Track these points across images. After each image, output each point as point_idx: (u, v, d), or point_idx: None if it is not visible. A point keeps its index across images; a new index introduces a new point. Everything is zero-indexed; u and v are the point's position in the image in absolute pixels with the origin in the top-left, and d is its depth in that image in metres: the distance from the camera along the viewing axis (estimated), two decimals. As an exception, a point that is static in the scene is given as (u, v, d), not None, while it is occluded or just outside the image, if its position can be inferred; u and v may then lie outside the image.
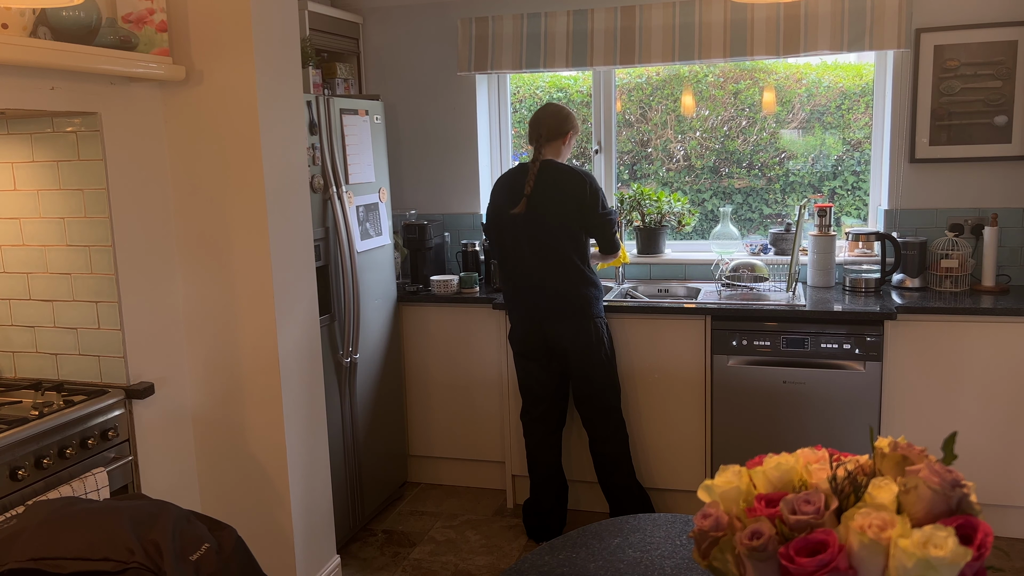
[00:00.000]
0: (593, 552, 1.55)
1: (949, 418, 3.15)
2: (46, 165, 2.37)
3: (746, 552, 0.91)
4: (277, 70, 2.57)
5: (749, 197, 4.06)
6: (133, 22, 2.38)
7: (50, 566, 1.47)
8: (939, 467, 0.92)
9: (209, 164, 2.54)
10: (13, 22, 2.03)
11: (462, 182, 4.14)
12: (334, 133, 3.18)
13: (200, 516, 1.73)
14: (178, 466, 2.63)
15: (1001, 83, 3.41)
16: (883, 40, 3.42)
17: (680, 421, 3.40)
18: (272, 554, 2.68)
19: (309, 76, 3.35)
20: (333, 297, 3.18)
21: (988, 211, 3.49)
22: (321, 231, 3.09)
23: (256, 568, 1.76)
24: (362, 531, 3.48)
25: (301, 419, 2.73)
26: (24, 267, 2.46)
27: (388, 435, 3.67)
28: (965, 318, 3.10)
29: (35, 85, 2.06)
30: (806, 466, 1.01)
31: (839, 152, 3.91)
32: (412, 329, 3.78)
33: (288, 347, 2.64)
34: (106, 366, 2.42)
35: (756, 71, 3.95)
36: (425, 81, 4.11)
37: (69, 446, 2.15)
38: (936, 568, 0.83)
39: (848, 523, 0.90)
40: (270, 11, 2.51)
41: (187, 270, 2.61)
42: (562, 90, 4.21)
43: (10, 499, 1.98)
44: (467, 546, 3.33)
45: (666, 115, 4.09)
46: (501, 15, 3.87)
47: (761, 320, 3.25)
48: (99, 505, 1.69)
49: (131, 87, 2.41)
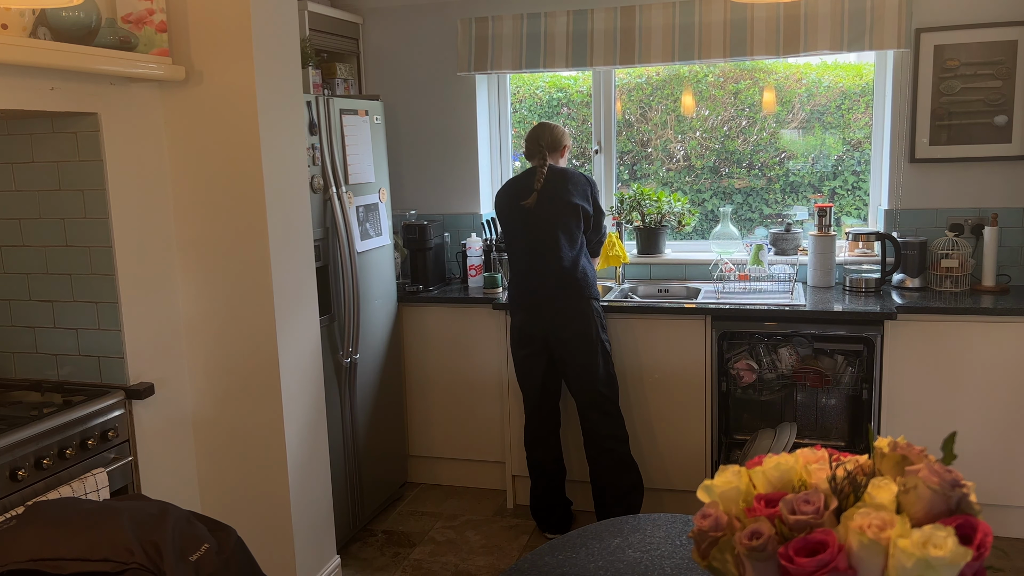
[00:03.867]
0: (593, 552, 1.55)
1: (949, 418, 3.14)
2: (46, 165, 2.37)
3: (745, 552, 0.91)
4: (277, 70, 2.57)
5: (749, 197, 4.06)
6: (133, 22, 2.38)
7: (50, 567, 1.47)
8: (938, 467, 0.92)
9: (209, 164, 2.54)
10: (13, 22, 2.03)
11: (462, 182, 4.14)
12: (334, 133, 3.18)
13: (200, 516, 1.73)
14: (178, 466, 2.63)
15: (1001, 83, 3.41)
16: (883, 40, 3.42)
17: (680, 421, 3.40)
18: (272, 554, 2.68)
19: (309, 76, 3.35)
20: (333, 297, 3.18)
21: (988, 211, 3.49)
22: (321, 231, 3.09)
23: (256, 568, 1.76)
24: (362, 531, 3.48)
25: (301, 419, 2.73)
26: (24, 267, 2.46)
27: (388, 435, 3.67)
28: (965, 318, 3.10)
29: (35, 85, 2.06)
30: (805, 466, 1.01)
31: (839, 152, 3.91)
32: (412, 329, 3.78)
33: (288, 347, 2.64)
34: (106, 366, 2.42)
35: (756, 71, 3.95)
36: (425, 81, 4.11)
37: (69, 446, 2.15)
38: (935, 568, 0.83)
39: (847, 523, 0.89)
40: (270, 11, 2.52)
41: (187, 270, 2.61)
42: (562, 90, 4.21)
43: (10, 499, 1.98)
44: (467, 546, 3.33)
45: (666, 115, 4.09)
46: (501, 15, 3.87)
47: (761, 320, 3.25)
48: (99, 506, 1.69)
49: (131, 87, 2.41)
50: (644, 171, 4.16)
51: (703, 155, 4.07)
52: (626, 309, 3.40)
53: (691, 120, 4.07)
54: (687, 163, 4.10)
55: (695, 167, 4.09)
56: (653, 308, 3.37)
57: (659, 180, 4.13)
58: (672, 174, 4.13)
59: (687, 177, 4.11)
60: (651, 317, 3.37)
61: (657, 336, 3.37)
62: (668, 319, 3.35)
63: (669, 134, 4.10)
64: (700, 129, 4.06)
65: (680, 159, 4.12)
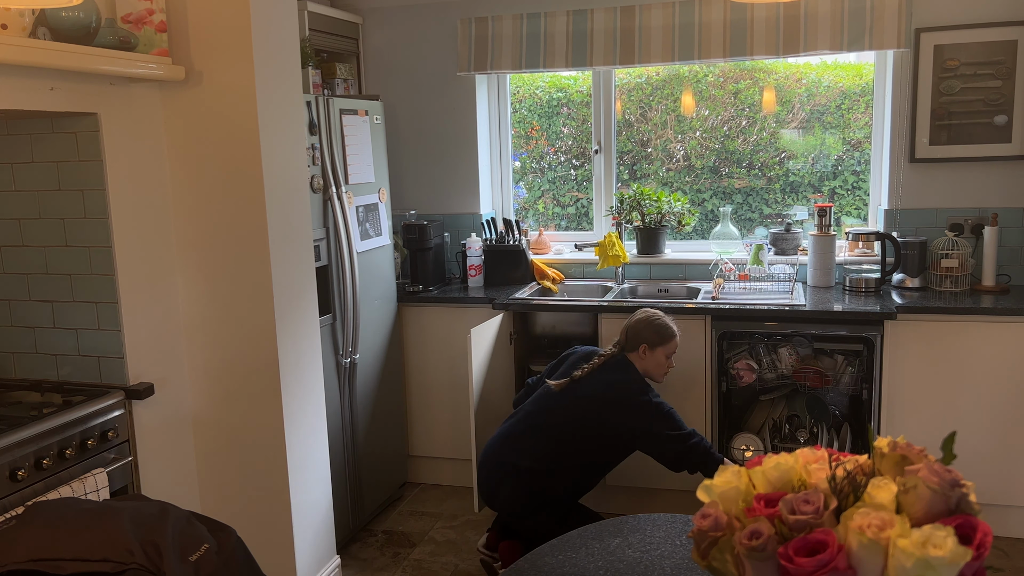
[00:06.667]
0: (593, 552, 1.55)
1: (949, 418, 3.14)
2: (46, 165, 2.37)
3: (745, 552, 0.91)
4: (277, 70, 2.57)
5: (749, 197, 4.06)
6: (132, 22, 2.38)
7: (49, 567, 1.47)
8: (938, 467, 0.92)
9: (209, 164, 2.54)
10: (13, 23, 2.03)
11: (462, 182, 4.14)
12: (334, 133, 3.18)
13: (200, 517, 1.73)
14: (178, 467, 2.63)
15: (1001, 83, 3.41)
16: (883, 40, 3.42)
17: (680, 421, 3.40)
18: (272, 554, 2.68)
19: (309, 76, 3.35)
20: (333, 297, 3.18)
21: (988, 211, 3.49)
22: (321, 231, 3.09)
23: (256, 569, 1.76)
24: (362, 531, 3.48)
25: (301, 419, 2.73)
26: (24, 267, 2.46)
27: (388, 435, 3.67)
28: (965, 318, 3.10)
29: (34, 85, 2.06)
30: (805, 466, 1.01)
31: (839, 152, 3.91)
32: (412, 329, 3.78)
33: (288, 347, 2.64)
34: (106, 367, 2.42)
35: (756, 71, 3.95)
36: (425, 81, 4.11)
37: (69, 447, 2.15)
38: (935, 568, 0.83)
39: (847, 523, 0.90)
40: (270, 11, 2.51)
41: (187, 270, 2.61)
42: (562, 90, 4.21)
43: (10, 499, 1.98)
44: (467, 546, 3.33)
45: (666, 115, 4.09)
46: (501, 15, 3.87)
47: (761, 320, 3.25)
48: (99, 506, 1.69)
49: (130, 87, 2.41)
50: (644, 171, 4.16)
51: (703, 155, 4.07)
52: (626, 309, 3.40)
53: (691, 120, 4.07)
54: (687, 163, 4.10)
55: (695, 167, 4.09)
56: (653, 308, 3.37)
57: (659, 180, 4.13)
58: (672, 174, 4.13)
59: (687, 177, 4.11)
60: (651, 317, 3.37)
61: (657, 336, 3.37)
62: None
63: (669, 134, 4.10)
64: (700, 129, 4.06)
65: (680, 159, 4.11)
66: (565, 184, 4.30)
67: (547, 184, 4.32)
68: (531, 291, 3.78)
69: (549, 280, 3.89)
